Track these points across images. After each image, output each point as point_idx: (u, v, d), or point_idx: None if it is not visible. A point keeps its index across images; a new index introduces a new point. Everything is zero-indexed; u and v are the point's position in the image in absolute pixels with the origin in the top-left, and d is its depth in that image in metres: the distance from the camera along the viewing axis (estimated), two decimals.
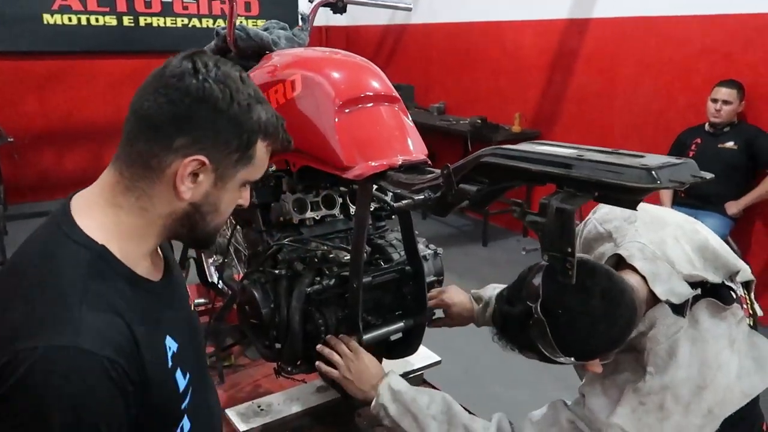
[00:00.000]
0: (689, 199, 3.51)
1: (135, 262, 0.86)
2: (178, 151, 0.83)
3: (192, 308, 1.09)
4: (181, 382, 0.90)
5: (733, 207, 3.39)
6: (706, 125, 3.52)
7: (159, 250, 0.98)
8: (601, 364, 1.09)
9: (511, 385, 2.79)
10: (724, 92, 3.39)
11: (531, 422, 1.25)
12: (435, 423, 1.28)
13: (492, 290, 1.61)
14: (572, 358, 1.06)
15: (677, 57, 3.79)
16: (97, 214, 0.84)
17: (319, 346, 1.43)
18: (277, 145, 0.92)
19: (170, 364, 0.87)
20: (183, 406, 0.91)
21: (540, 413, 1.25)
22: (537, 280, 1.06)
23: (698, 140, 3.52)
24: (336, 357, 1.41)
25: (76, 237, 0.81)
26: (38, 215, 4.64)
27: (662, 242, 1.17)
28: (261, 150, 0.89)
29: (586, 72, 4.36)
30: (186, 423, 0.93)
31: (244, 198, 0.95)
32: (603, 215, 1.30)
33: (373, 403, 1.35)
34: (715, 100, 3.41)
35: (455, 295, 1.64)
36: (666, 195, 3.53)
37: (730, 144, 3.43)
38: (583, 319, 1.03)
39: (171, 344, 0.88)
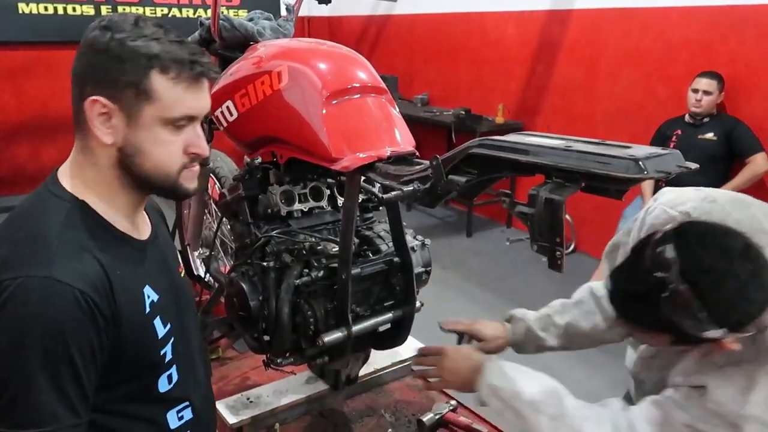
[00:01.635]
0: (670, 188, 3.56)
1: (114, 218, 0.94)
2: (86, 98, 0.88)
3: (182, 275, 1.14)
4: (161, 329, 0.96)
5: None
6: (687, 116, 3.56)
7: (147, 216, 1.05)
8: (738, 341, 0.97)
9: None
10: (704, 83, 3.44)
11: (647, 422, 1.10)
12: (543, 418, 1.15)
13: (522, 312, 1.49)
14: (723, 330, 0.94)
15: (657, 48, 3.83)
16: (73, 175, 0.93)
17: (414, 367, 1.37)
18: (191, 79, 0.90)
19: (148, 310, 0.94)
20: (163, 353, 0.97)
21: (647, 413, 1.10)
22: (666, 250, 0.95)
23: (678, 131, 3.57)
24: (429, 370, 1.36)
25: (58, 192, 0.91)
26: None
27: (754, 218, 1.08)
28: (162, 84, 0.88)
29: (567, 63, 4.38)
30: (174, 374, 0.99)
31: (194, 145, 0.94)
32: (672, 199, 1.19)
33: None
34: (695, 91, 3.46)
35: (489, 329, 1.50)
36: (648, 185, 3.58)
37: (709, 135, 3.48)
38: (731, 281, 0.92)
39: (150, 293, 0.95)
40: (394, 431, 1.68)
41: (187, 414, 1.03)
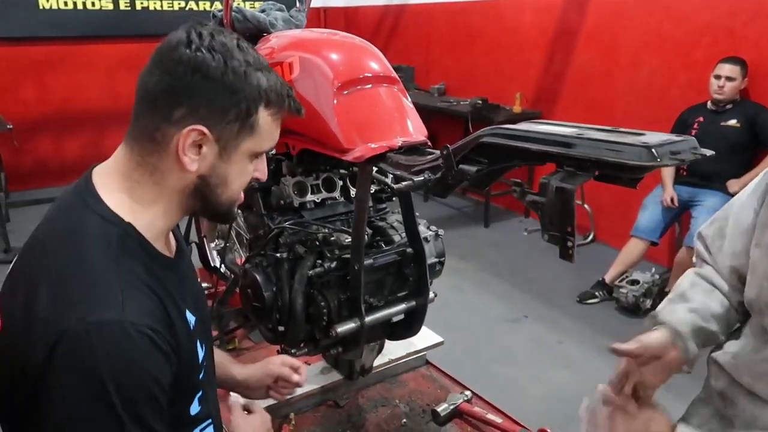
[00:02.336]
0: (691, 178, 3.50)
1: (155, 239, 0.89)
2: (179, 123, 0.83)
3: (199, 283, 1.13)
4: (200, 353, 0.95)
5: (735, 185, 3.37)
6: (709, 103, 3.49)
7: None
8: None
9: (510, 365, 2.82)
10: (727, 69, 3.36)
11: None
12: None
13: (674, 313, 1.14)
14: None
15: (678, 34, 3.75)
16: (119, 190, 0.86)
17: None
18: (284, 113, 0.90)
19: (191, 334, 0.92)
20: (200, 377, 0.95)
21: None
22: None
23: (701, 118, 3.50)
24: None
25: (103, 213, 0.84)
26: (39, 202, 4.65)
27: None
28: (265, 119, 0.87)
29: (586, 50, 4.31)
30: (202, 394, 0.97)
31: (260, 171, 0.94)
32: None
33: None
34: (718, 77, 3.38)
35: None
36: (668, 173, 3.52)
37: (732, 122, 3.40)
38: None
39: (190, 317, 0.92)
40: (408, 421, 1.68)
41: (209, 431, 1.00)
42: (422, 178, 1.17)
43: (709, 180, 3.43)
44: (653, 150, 0.80)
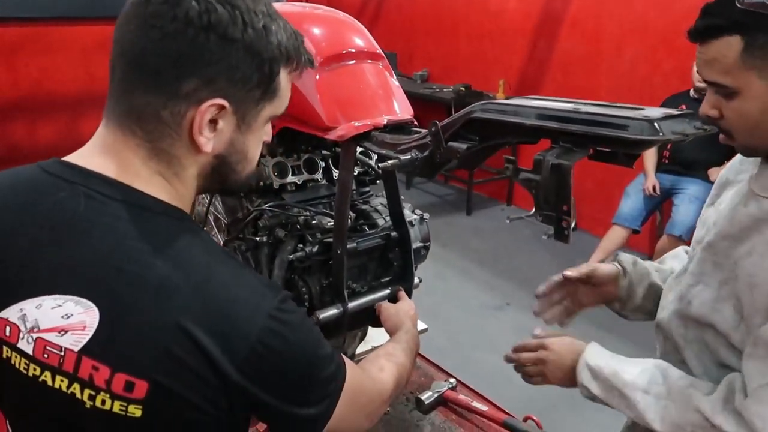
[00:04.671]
0: (673, 166, 3.50)
1: None
2: (190, 98, 0.68)
3: None
4: None
5: (715, 173, 3.39)
6: (691, 91, 3.49)
7: None
8: None
9: (494, 352, 2.79)
10: None
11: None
12: (648, 397, 1.03)
13: (634, 260, 1.27)
14: None
15: (662, 21, 3.74)
16: (149, 183, 0.72)
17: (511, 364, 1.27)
18: (300, 68, 0.77)
19: None
20: None
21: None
22: None
23: (683, 106, 3.49)
24: (526, 368, 1.23)
25: (160, 209, 0.71)
26: None
27: None
28: (285, 78, 0.75)
29: (570, 37, 4.29)
30: None
31: (268, 133, 0.81)
32: None
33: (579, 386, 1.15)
34: None
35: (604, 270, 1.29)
36: (650, 161, 3.51)
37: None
38: None
39: None
40: (392, 410, 1.64)
41: None
42: (409, 156, 1.12)
43: (690, 168, 3.44)
44: (656, 124, 0.76)
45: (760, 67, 0.85)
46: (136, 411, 0.65)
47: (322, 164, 1.58)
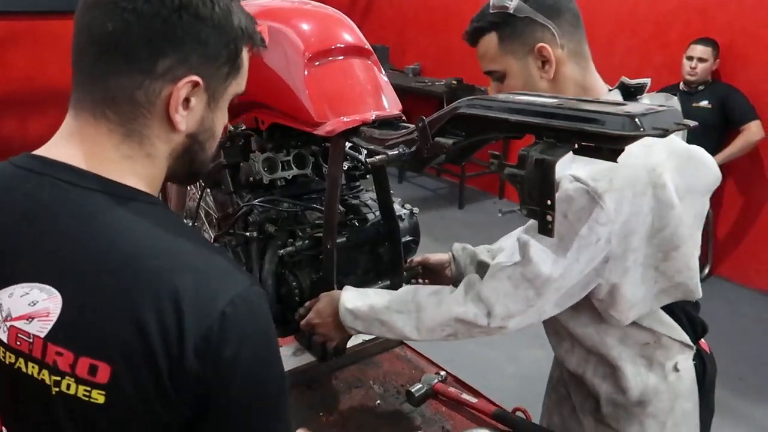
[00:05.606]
0: None
1: None
2: (165, 76, 0.70)
3: None
4: None
5: None
6: (681, 84, 3.51)
7: None
8: None
9: (484, 345, 2.81)
10: (699, 50, 3.38)
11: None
12: (402, 315, 1.20)
13: (464, 245, 1.58)
14: None
15: (652, 14, 3.76)
16: (119, 169, 0.72)
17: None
18: (257, 48, 0.82)
19: None
20: None
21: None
22: None
23: None
24: (313, 337, 1.39)
25: (135, 196, 0.72)
26: None
27: None
28: (245, 57, 0.79)
29: None
30: None
31: (226, 117, 0.84)
32: None
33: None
34: (690, 58, 3.40)
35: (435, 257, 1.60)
36: None
37: (704, 103, 3.43)
38: None
39: None
40: (382, 402, 1.65)
41: None
42: (397, 152, 1.13)
43: None
44: (637, 120, 0.77)
45: (513, 52, 1.15)
46: (99, 397, 0.66)
47: (312, 159, 1.59)
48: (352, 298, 1.27)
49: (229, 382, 0.68)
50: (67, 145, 0.74)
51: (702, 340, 1.30)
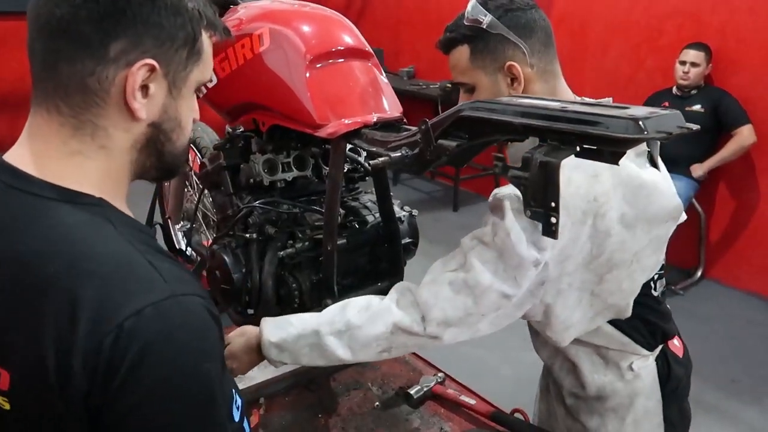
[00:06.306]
0: None
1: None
2: (118, 61, 0.68)
3: None
4: None
5: (698, 170, 3.45)
6: (674, 88, 3.54)
7: None
8: None
9: (481, 347, 2.82)
10: (692, 54, 3.41)
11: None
12: (332, 337, 1.12)
13: None
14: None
15: (645, 19, 3.79)
16: (65, 171, 0.70)
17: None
18: (219, 36, 0.80)
19: None
20: None
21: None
22: None
23: (666, 103, 3.54)
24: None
25: (70, 198, 0.69)
26: None
27: None
28: (207, 43, 0.77)
29: (555, 35, 4.31)
30: None
31: (196, 111, 0.82)
32: None
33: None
34: (683, 63, 3.43)
35: None
36: None
37: (697, 107, 3.46)
38: None
39: None
40: (381, 404, 1.66)
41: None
42: (399, 154, 1.13)
43: (673, 164, 3.47)
44: (641, 123, 0.78)
45: (483, 67, 1.15)
46: (4, 403, 0.65)
47: (312, 161, 1.59)
48: (275, 330, 1.18)
49: (126, 400, 0.62)
50: (19, 145, 0.73)
51: (675, 341, 1.29)
